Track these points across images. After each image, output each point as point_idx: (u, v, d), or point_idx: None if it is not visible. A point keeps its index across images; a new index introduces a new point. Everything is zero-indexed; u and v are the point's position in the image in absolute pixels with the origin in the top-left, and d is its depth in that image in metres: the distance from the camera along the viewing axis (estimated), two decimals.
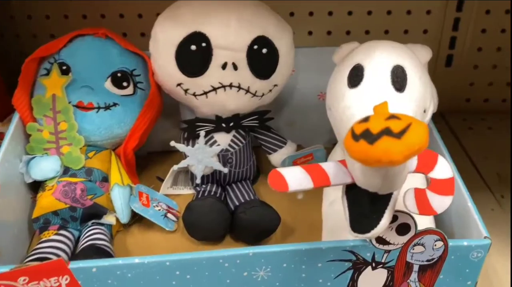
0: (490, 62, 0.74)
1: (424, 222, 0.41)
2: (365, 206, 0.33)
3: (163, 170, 0.57)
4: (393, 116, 0.25)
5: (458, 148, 0.72)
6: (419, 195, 0.33)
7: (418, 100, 0.36)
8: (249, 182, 0.53)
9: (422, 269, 0.38)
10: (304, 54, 0.55)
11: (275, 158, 0.53)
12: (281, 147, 0.53)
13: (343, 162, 0.34)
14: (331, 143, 0.61)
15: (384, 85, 0.34)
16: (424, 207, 0.33)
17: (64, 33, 0.50)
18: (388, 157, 0.24)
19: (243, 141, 0.51)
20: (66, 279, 0.36)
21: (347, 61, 0.38)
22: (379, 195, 0.32)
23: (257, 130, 0.53)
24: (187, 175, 0.54)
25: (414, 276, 0.38)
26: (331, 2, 0.70)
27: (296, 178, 0.33)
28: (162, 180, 0.54)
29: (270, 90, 0.49)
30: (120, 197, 0.46)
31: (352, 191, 0.34)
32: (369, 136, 0.25)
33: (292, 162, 0.52)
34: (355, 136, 0.25)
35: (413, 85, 0.35)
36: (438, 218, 0.45)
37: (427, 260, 0.37)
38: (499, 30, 0.72)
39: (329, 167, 0.33)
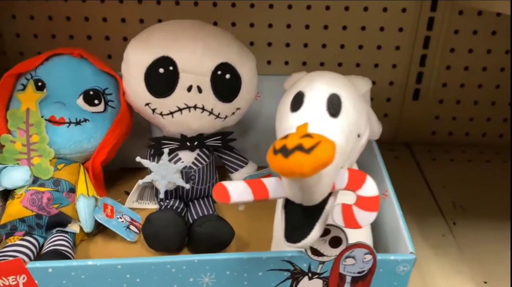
0: (454, 97, 0.79)
1: (361, 237, 0.44)
2: (298, 218, 0.36)
3: (133, 185, 0.60)
4: (307, 135, 0.29)
5: (420, 177, 0.74)
6: (346, 210, 0.36)
7: (351, 125, 0.39)
8: (211, 199, 0.56)
9: (354, 280, 0.41)
10: (269, 81, 0.59)
11: (237, 176, 0.57)
12: (242, 167, 0.56)
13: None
14: None
15: (320, 110, 0.38)
16: (350, 221, 0.36)
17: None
18: (299, 169, 0.28)
19: (207, 160, 0.55)
20: (24, 278, 0.38)
21: (293, 88, 0.42)
22: (311, 209, 0.36)
23: (220, 150, 0.56)
24: (153, 190, 0.57)
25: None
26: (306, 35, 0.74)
27: (238, 191, 0.36)
28: (128, 194, 0.57)
29: (233, 113, 0.53)
30: (85, 207, 0.49)
31: (288, 205, 0.37)
32: (285, 151, 0.28)
33: None
34: (275, 151, 0.29)
35: (347, 112, 0.39)
36: (375, 234, 0.48)
37: (358, 272, 0.40)
38: (462, 67, 0.76)
39: (269, 182, 0.37)
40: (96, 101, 0.52)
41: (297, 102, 0.39)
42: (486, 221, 0.63)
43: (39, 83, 0.51)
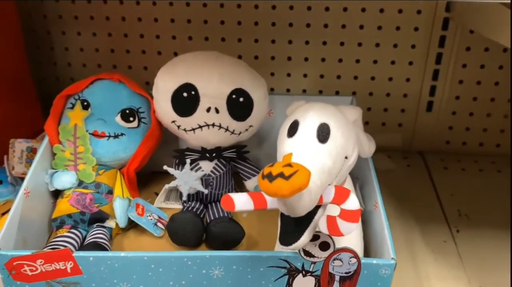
0: (467, 109, 0.82)
1: (352, 242, 0.51)
2: (291, 226, 0.44)
3: (161, 187, 0.69)
4: (288, 165, 0.37)
5: (429, 185, 0.78)
6: (331, 220, 0.43)
7: (338, 149, 0.46)
8: None
9: (342, 279, 0.48)
10: (281, 100, 0.67)
11: (249, 184, 0.65)
12: (254, 175, 0.65)
13: None
14: None
15: (311, 137, 0.46)
16: (334, 230, 0.43)
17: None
18: (279, 192, 0.35)
19: (224, 169, 0.63)
20: (71, 264, 0.48)
21: (292, 115, 0.49)
22: (301, 218, 0.43)
23: (236, 160, 0.65)
24: (178, 193, 0.66)
25: (336, 285, 0.48)
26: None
27: (241, 201, 0.44)
28: (158, 195, 0.66)
29: (246, 129, 0.61)
30: (120, 207, 0.59)
31: (283, 214, 0.45)
32: (270, 177, 0.36)
33: None
34: (263, 176, 0.37)
35: (334, 138, 0.46)
36: (366, 241, 0.55)
37: (346, 273, 0.47)
38: (475, 81, 0.80)
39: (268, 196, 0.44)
40: (131, 119, 0.62)
41: (293, 129, 0.47)
42: (489, 230, 0.67)
43: (85, 103, 0.61)
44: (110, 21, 0.80)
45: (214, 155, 0.62)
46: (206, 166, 0.62)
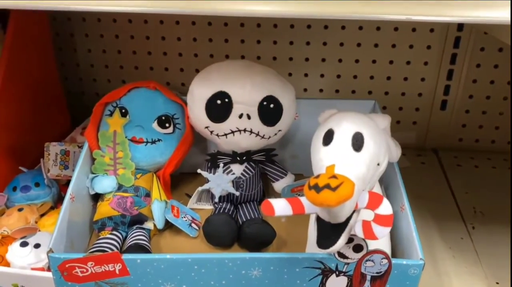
0: (480, 108, 0.84)
1: (381, 244, 0.54)
2: (328, 230, 0.47)
3: (191, 187, 0.72)
4: (333, 176, 0.40)
5: (444, 182, 0.81)
6: (366, 225, 0.46)
7: (371, 157, 0.49)
8: (256, 203, 0.68)
9: (373, 279, 0.51)
10: (306, 104, 0.70)
11: (277, 185, 0.68)
12: (282, 177, 0.68)
13: None
14: None
15: (346, 146, 0.48)
16: (369, 234, 0.46)
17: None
18: (327, 202, 0.38)
19: (253, 171, 0.66)
20: (119, 266, 0.51)
21: (325, 124, 0.52)
22: (337, 223, 0.46)
23: (264, 163, 0.67)
24: (209, 194, 0.69)
25: (367, 284, 0.52)
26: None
27: (280, 207, 0.47)
28: (189, 197, 0.69)
29: (275, 134, 0.64)
30: (158, 209, 0.62)
31: (320, 219, 0.48)
32: (316, 188, 0.39)
33: (291, 190, 0.67)
34: (309, 187, 0.40)
35: (368, 147, 0.49)
36: (394, 241, 0.58)
37: (377, 272, 0.51)
38: (488, 81, 0.83)
39: (305, 200, 0.47)
40: (167, 125, 0.65)
41: (328, 138, 0.49)
42: (504, 226, 0.69)
43: (123, 110, 0.64)
44: (132, 23, 0.82)
45: (244, 158, 0.65)
46: (237, 169, 0.65)
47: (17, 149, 0.71)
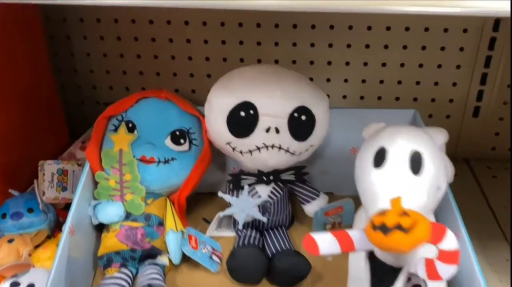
0: None
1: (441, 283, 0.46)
2: (383, 271, 0.39)
3: (208, 210, 0.64)
4: (404, 213, 0.31)
5: (480, 196, 0.74)
6: (429, 264, 0.38)
7: (431, 181, 0.41)
8: (285, 229, 0.59)
9: None
10: (338, 114, 0.61)
11: (309, 208, 0.59)
12: (314, 199, 0.59)
13: None
14: None
15: (403, 169, 0.40)
16: (433, 274, 0.38)
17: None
18: (398, 247, 0.30)
19: (281, 192, 0.58)
20: None
21: (374, 141, 0.44)
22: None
23: (293, 183, 0.59)
24: (230, 219, 0.61)
25: None
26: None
27: (326, 243, 0.39)
28: (207, 221, 0.61)
29: (307, 150, 0.55)
30: (174, 241, 0.53)
31: (374, 258, 0.39)
32: (384, 229, 0.31)
33: (324, 213, 0.58)
34: (374, 227, 0.32)
35: (428, 169, 0.41)
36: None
37: None
38: None
39: (355, 234, 0.39)
40: (182, 141, 0.56)
41: (380, 158, 0.41)
42: None
43: (130, 125, 0.55)
44: (135, 24, 0.75)
45: (271, 178, 0.56)
46: (263, 190, 0.57)
47: (7, 167, 0.62)
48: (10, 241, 0.55)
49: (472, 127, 0.79)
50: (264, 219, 0.56)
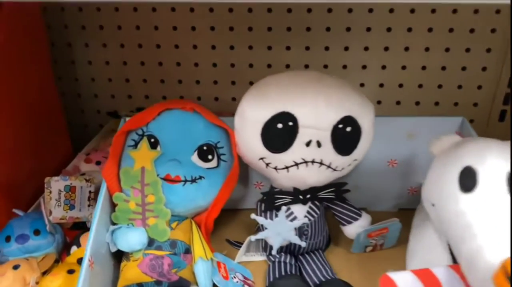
0: None
1: None
2: None
3: (231, 230, 0.58)
4: None
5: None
6: None
7: None
8: (322, 253, 0.53)
9: None
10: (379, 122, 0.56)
11: (350, 229, 0.53)
12: (356, 219, 0.53)
13: (454, 267, 0.34)
14: (396, 208, 0.61)
15: (501, 193, 0.34)
16: None
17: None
18: None
19: (318, 212, 0.52)
20: None
21: (452, 158, 0.38)
22: None
23: (332, 201, 0.53)
24: (259, 242, 0.55)
25: None
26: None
27: (407, 285, 0.33)
28: (232, 243, 0.55)
29: (349, 165, 0.50)
30: (204, 272, 0.46)
31: None
32: None
33: (367, 235, 0.52)
34: (507, 275, 0.26)
35: None
36: None
37: None
38: None
39: (440, 272, 0.33)
40: (210, 157, 0.49)
41: (468, 180, 0.35)
42: None
43: (152, 140, 0.48)
44: (140, 30, 0.72)
45: (308, 196, 0.50)
46: (299, 211, 0.51)
47: (10, 183, 0.57)
48: (16, 267, 0.48)
49: (497, 132, 0.76)
50: (303, 244, 0.50)
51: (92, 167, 0.66)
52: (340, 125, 0.46)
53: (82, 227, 0.57)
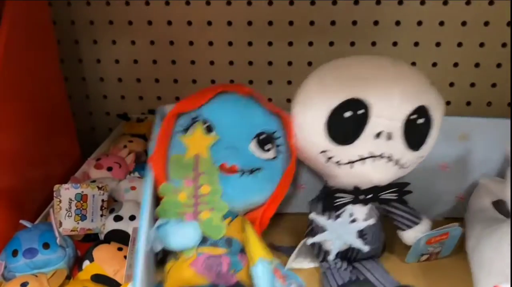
0: None
1: None
2: None
3: (274, 234, 0.53)
4: None
5: None
6: None
7: None
8: (379, 261, 0.49)
9: None
10: None
11: (409, 235, 0.49)
12: (416, 223, 0.48)
13: None
14: (451, 215, 0.57)
15: None
16: None
17: None
18: None
19: (378, 214, 0.47)
20: None
21: None
22: None
23: (392, 204, 0.49)
24: (310, 246, 0.49)
25: None
26: None
27: None
28: (277, 249, 0.50)
29: (415, 163, 0.46)
30: (266, 275, 0.40)
31: None
32: None
33: (426, 241, 0.48)
34: None
35: None
36: None
37: None
38: None
39: None
40: (268, 147, 0.45)
41: None
42: None
43: (206, 124, 0.43)
44: (152, 26, 0.69)
45: (370, 196, 0.46)
46: (359, 212, 0.46)
47: (16, 192, 0.52)
48: (24, 284, 0.43)
49: None
50: (366, 249, 0.45)
51: (103, 173, 0.60)
52: (413, 117, 0.43)
53: (94, 239, 0.51)
